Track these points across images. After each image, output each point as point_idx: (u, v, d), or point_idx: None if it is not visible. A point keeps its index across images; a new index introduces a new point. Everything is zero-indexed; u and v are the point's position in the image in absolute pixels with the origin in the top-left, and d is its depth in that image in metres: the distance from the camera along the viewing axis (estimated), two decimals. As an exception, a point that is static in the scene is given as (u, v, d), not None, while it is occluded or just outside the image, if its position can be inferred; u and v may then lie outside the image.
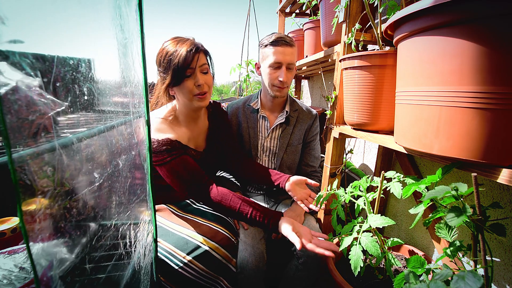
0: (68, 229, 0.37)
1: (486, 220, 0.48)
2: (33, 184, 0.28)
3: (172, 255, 0.89)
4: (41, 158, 0.30)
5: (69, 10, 0.37)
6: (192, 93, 0.95)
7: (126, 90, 0.54)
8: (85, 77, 0.40)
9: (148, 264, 0.68)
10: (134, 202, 0.60)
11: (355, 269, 0.66)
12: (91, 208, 0.42)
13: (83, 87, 0.40)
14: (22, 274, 0.58)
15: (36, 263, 0.28)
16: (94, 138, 0.42)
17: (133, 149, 0.59)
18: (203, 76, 0.95)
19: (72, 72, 0.37)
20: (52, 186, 0.32)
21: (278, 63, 1.10)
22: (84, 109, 0.40)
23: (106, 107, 0.47)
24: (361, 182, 0.80)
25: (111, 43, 0.47)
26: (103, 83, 0.46)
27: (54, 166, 0.32)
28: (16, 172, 0.26)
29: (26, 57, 0.28)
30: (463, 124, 0.47)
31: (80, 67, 0.39)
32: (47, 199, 0.31)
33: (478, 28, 0.43)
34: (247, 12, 2.43)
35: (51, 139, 0.32)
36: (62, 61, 0.35)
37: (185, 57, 0.89)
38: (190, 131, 1.06)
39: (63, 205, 0.34)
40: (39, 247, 0.30)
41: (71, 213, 0.37)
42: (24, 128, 0.28)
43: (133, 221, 0.59)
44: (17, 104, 0.27)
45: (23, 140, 0.28)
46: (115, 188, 0.50)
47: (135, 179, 0.61)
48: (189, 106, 0.99)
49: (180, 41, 0.92)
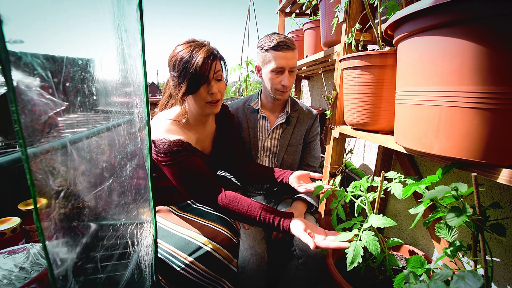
0: (69, 228, 0.37)
1: (486, 220, 0.48)
2: (45, 183, 0.29)
3: (173, 256, 0.89)
4: (52, 158, 0.30)
5: (69, 10, 0.37)
6: (205, 101, 0.93)
7: (128, 90, 0.54)
8: (88, 77, 0.40)
9: (148, 264, 0.68)
10: (139, 202, 0.60)
11: (350, 264, 0.64)
12: (92, 208, 0.42)
13: (86, 87, 0.40)
14: (22, 274, 0.58)
15: (52, 261, 0.28)
16: (101, 138, 0.42)
17: (137, 149, 0.59)
18: (217, 83, 0.94)
19: (79, 72, 0.37)
20: (65, 185, 0.32)
21: (281, 68, 1.09)
22: (86, 109, 0.40)
23: (108, 107, 0.47)
24: (361, 182, 0.80)
25: (111, 43, 0.47)
26: (105, 83, 0.46)
27: (66, 166, 0.33)
28: (31, 172, 0.26)
29: (37, 57, 0.29)
30: (463, 124, 0.47)
31: (85, 67, 0.39)
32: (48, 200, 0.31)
33: (478, 28, 0.43)
34: (247, 12, 2.44)
35: (53, 139, 0.32)
36: (70, 61, 0.35)
37: (202, 66, 0.86)
38: (199, 134, 1.06)
39: (63, 205, 0.34)
40: (54, 244, 0.30)
41: (71, 212, 0.37)
42: (37, 128, 0.28)
43: (137, 221, 0.59)
44: (30, 104, 0.28)
45: (36, 139, 0.28)
46: (116, 188, 0.50)
47: (140, 179, 0.61)
48: (200, 112, 0.98)
49: (196, 47, 0.89)
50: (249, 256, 0.96)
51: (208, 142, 1.12)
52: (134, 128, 0.57)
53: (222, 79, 0.96)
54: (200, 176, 0.91)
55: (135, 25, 0.53)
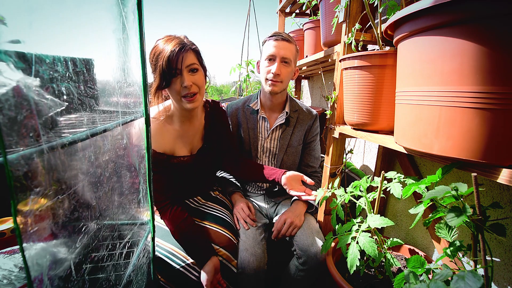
0: (67, 229, 0.37)
1: (486, 220, 0.48)
2: (28, 184, 0.28)
3: (173, 255, 0.89)
4: (37, 158, 0.30)
5: (69, 10, 0.37)
6: (179, 94, 0.91)
7: (125, 91, 0.54)
8: (85, 77, 0.40)
9: (147, 264, 0.68)
10: (132, 202, 0.60)
11: (350, 268, 0.65)
12: (91, 208, 0.42)
13: (83, 87, 0.40)
14: (22, 274, 0.58)
15: (34, 263, 0.28)
16: (92, 138, 0.42)
17: (132, 150, 0.59)
18: (191, 76, 0.90)
19: (71, 72, 0.37)
20: (50, 186, 0.32)
21: (272, 55, 1.10)
22: (83, 109, 0.40)
23: (106, 107, 0.47)
24: (361, 182, 0.80)
25: (112, 43, 0.47)
26: (102, 83, 0.46)
27: (51, 167, 0.32)
28: (11, 173, 0.26)
29: (10, 56, 0.28)
30: (463, 124, 0.47)
31: (79, 67, 0.39)
32: (44, 200, 0.31)
33: (478, 28, 0.43)
34: (247, 12, 2.43)
35: (47, 140, 0.32)
36: (60, 60, 0.35)
37: (169, 57, 0.84)
38: (184, 131, 1.04)
39: (60, 205, 0.34)
40: (38, 247, 0.30)
41: (69, 213, 0.37)
42: (19, 129, 0.28)
43: (132, 221, 0.59)
44: (12, 104, 0.27)
45: (19, 141, 0.28)
46: (114, 188, 0.50)
47: (134, 179, 0.61)
48: (179, 107, 0.97)
49: (168, 40, 0.88)
50: (249, 256, 0.96)
51: (197, 139, 1.10)
52: (128, 129, 0.57)
53: (199, 71, 0.93)
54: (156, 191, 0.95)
55: (134, 25, 0.53)
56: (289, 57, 1.11)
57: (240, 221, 1.10)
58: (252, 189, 1.34)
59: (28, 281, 0.28)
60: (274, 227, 1.09)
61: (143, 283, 0.65)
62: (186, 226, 0.92)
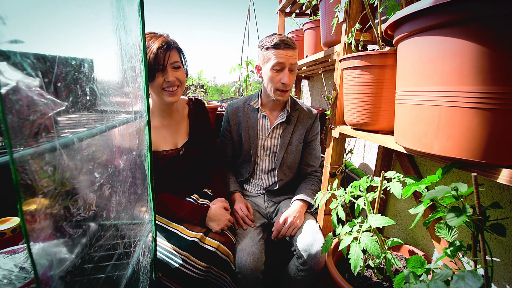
0: (69, 229, 0.37)
1: (486, 220, 0.48)
2: (34, 184, 0.28)
3: (174, 254, 0.89)
4: (42, 158, 0.30)
5: (69, 10, 0.37)
6: (161, 87, 0.96)
7: (127, 90, 0.54)
8: (87, 77, 0.40)
9: (148, 263, 0.68)
10: (134, 201, 0.60)
11: (354, 269, 0.66)
12: (92, 208, 0.42)
13: (85, 87, 0.40)
14: (22, 274, 0.57)
15: (37, 262, 0.28)
16: (95, 138, 0.42)
17: (134, 149, 0.59)
18: (174, 72, 0.97)
19: (73, 72, 0.37)
20: (53, 186, 0.32)
21: (281, 63, 1.09)
22: (85, 109, 0.40)
23: (107, 107, 0.47)
24: (361, 182, 0.80)
25: (112, 43, 0.47)
26: (104, 83, 0.46)
27: (55, 166, 0.32)
28: (17, 172, 0.26)
29: (27, 57, 0.28)
30: (463, 124, 0.47)
31: (81, 67, 0.39)
32: (47, 199, 0.31)
33: (478, 28, 0.43)
34: (247, 12, 2.43)
35: (52, 139, 0.32)
36: (63, 61, 0.35)
37: (155, 55, 0.90)
38: (165, 125, 1.08)
39: (63, 205, 0.34)
40: (40, 246, 0.30)
41: (71, 213, 0.37)
42: (25, 128, 0.28)
43: (133, 221, 0.59)
44: (18, 104, 0.27)
45: (24, 140, 0.28)
46: (115, 188, 0.50)
47: (136, 179, 0.61)
48: (159, 100, 1.01)
49: (153, 37, 0.93)
50: (246, 256, 0.96)
51: (182, 133, 1.13)
52: (131, 128, 0.57)
53: (181, 68, 0.99)
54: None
55: (136, 25, 0.53)
56: (296, 64, 1.12)
57: (238, 220, 1.10)
58: (252, 189, 1.34)
59: (36, 279, 0.28)
60: (274, 227, 1.09)
61: (146, 283, 0.65)
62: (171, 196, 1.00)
